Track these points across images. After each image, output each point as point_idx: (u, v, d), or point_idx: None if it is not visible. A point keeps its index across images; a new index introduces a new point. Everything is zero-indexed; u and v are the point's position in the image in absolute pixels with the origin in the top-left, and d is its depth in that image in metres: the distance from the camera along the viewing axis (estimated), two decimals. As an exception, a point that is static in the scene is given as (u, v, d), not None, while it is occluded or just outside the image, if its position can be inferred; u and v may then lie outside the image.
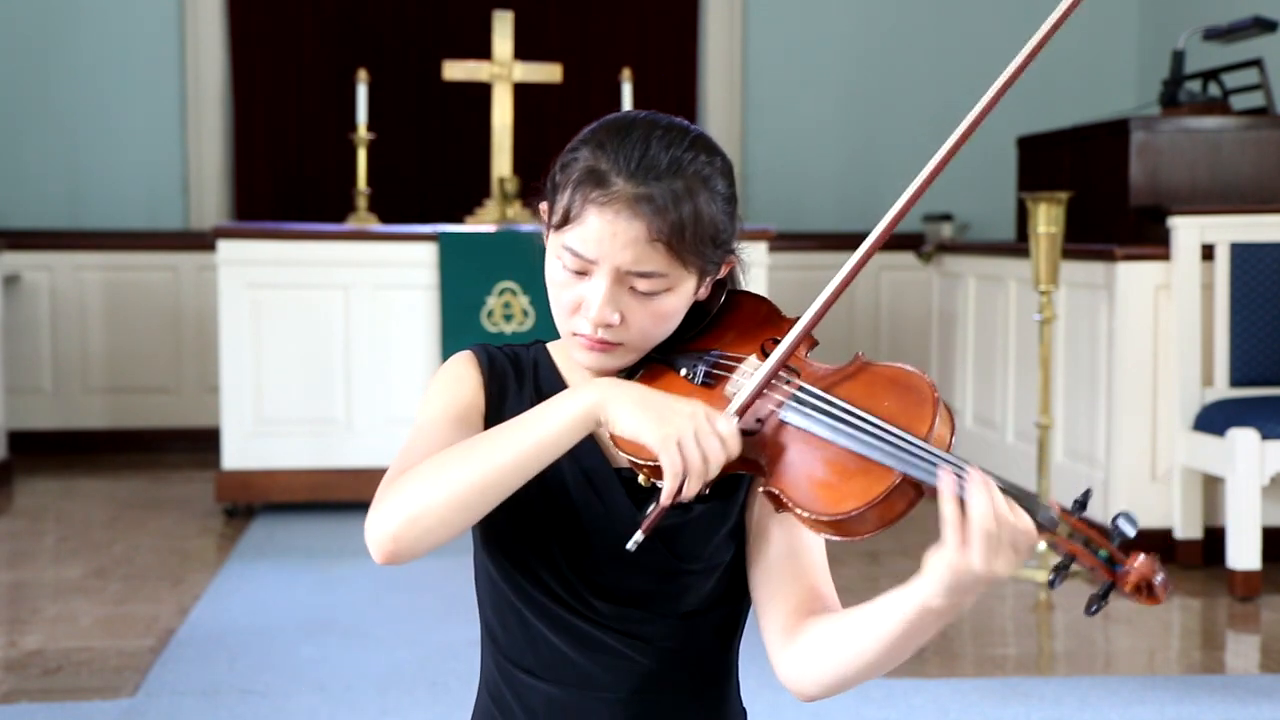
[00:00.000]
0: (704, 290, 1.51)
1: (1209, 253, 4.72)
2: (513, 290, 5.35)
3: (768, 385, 1.42)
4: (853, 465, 1.35)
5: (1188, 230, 4.71)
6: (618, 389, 1.37)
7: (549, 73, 5.99)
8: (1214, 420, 4.52)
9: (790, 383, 1.43)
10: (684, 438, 1.33)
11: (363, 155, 5.82)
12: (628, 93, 5.89)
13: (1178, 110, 5.33)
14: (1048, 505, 1.30)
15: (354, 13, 7.40)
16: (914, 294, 7.22)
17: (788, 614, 1.47)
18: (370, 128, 5.88)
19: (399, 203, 7.00)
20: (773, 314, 1.54)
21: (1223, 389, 4.68)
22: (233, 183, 7.42)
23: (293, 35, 7.37)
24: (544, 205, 1.51)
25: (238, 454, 5.38)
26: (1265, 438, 4.37)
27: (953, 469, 1.30)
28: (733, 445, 1.35)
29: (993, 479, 1.30)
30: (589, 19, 7.52)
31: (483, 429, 1.51)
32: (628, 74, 5.95)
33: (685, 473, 1.33)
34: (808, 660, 1.44)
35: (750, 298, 1.57)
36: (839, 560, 1.52)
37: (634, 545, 1.37)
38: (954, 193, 7.66)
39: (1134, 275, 4.76)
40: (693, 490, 1.34)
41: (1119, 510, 1.29)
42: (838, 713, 3.33)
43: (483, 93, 6.25)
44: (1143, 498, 4.74)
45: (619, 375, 1.52)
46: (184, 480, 6.21)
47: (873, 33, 7.51)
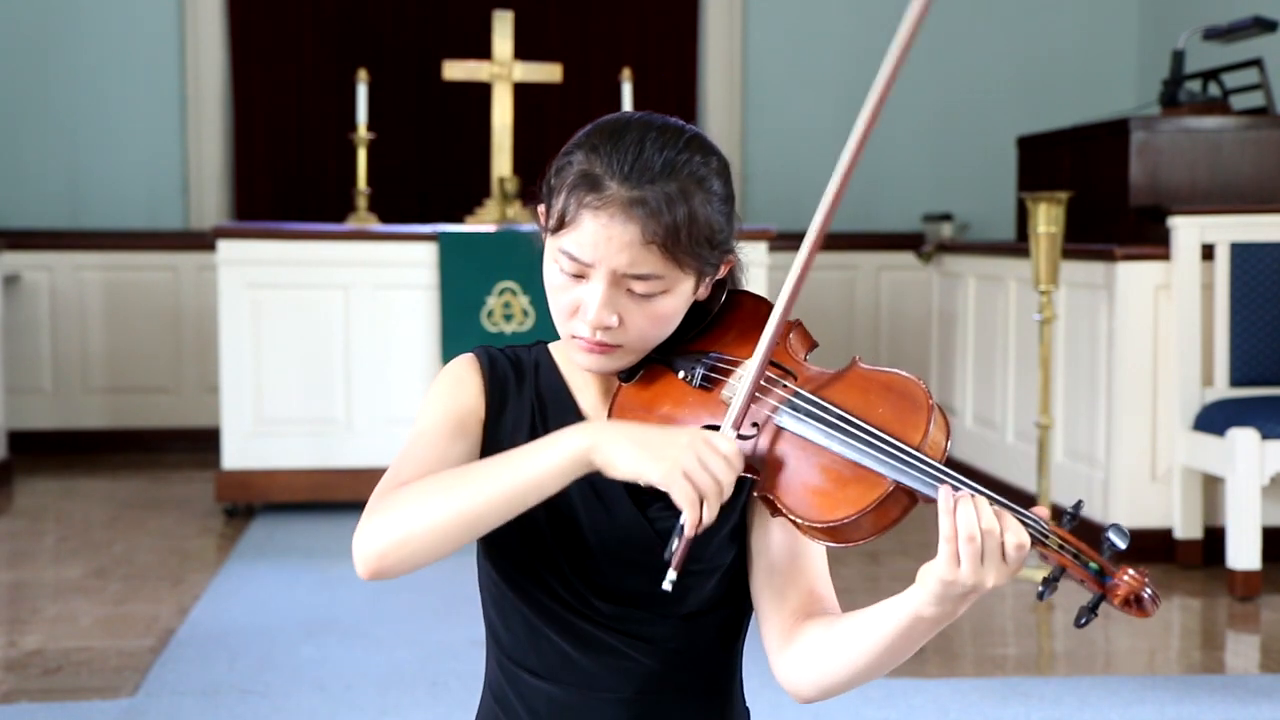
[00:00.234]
0: (703, 291, 1.51)
1: (1209, 253, 4.72)
2: (513, 290, 5.35)
3: (762, 390, 1.43)
4: (847, 472, 1.35)
5: (1188, 230, 4.71)
6: (609, 431, 1.36)
7: (549, 73, 5.99)
8: (1214, 420, 4.52)
9: (786, 387, 1.43)
10: (689, 467, 1.33)
11: (363, 155, 5.83)
12: (628, 93, 5.89)
13: (1178, 110, 5.33)
14: (1038, 517, 1.30)
15: (354, 13, 7.40)
16: (914, 294, 7.22)
17: (786, 616, 1.47)
18: (370, 128, 5.88)
19: (399, 203, 7.00)
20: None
21: (1223, 389, 4.68)
22: (233, 183, 7.42)
23: (293, 35, 7.37)
24: (540, 209, 1.52)
25: (238, 454, 5.38)
26: (1265, 438, 4.37)
27: (946, 481, 1.30)
28: (737, 462, 1.35)
29: (983, 491, 1.31)
30: (589, 19, 7.52)
31: (481, 435, 1.52)
32: (628, 74, 5.95)
33: (700, 500, 1.33)
34: (804, 663, 1.44)
35: (751, 298, 1.57)
36: (839, 561, 1.52)
37: (669, 584, 1.36)
38: (954, 193, 7.66)
39: (1134, 275, 4.76)
40: (713, 514, 1.34)
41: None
42: (838, 713, 3.33)
43: (483, 93, 6.25)
44: (1143, 498, 4.73)
45: (618, 376, 1.52)
46: (184, 480, 6.21)
47: (873, 33, 7.49)
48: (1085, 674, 3.72)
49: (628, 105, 5.83)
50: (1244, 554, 4.39)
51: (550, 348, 1.61)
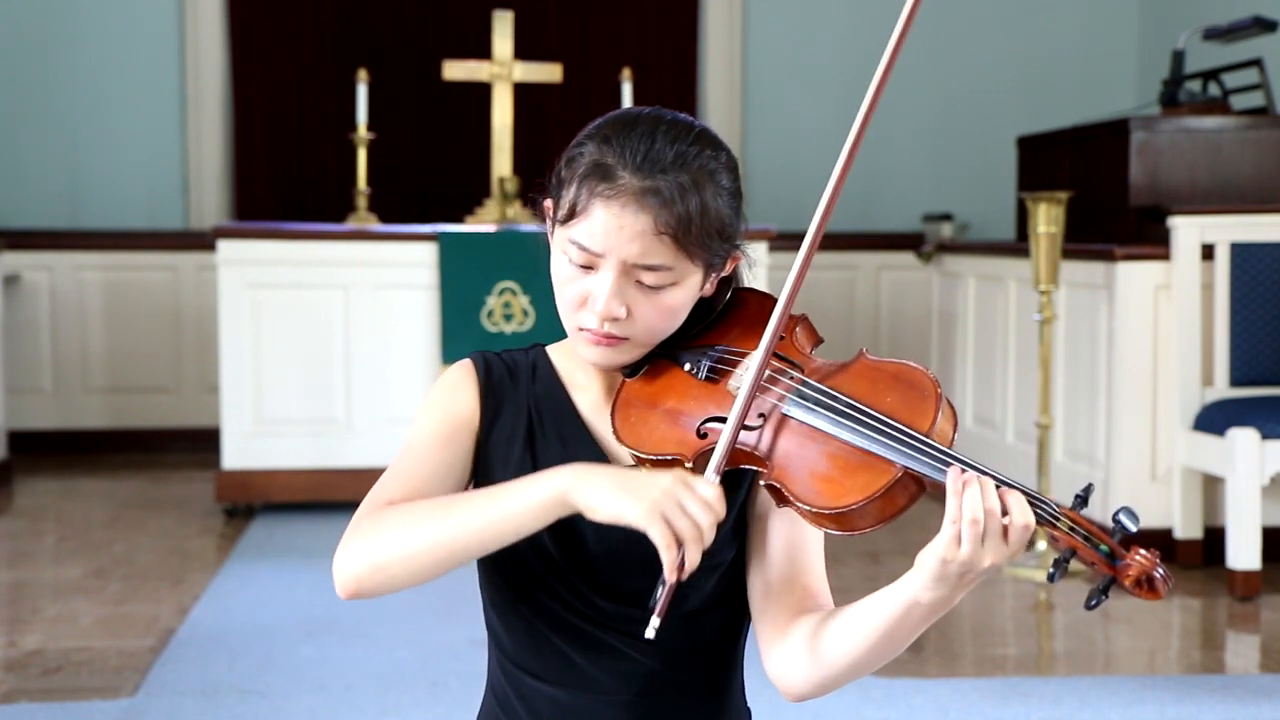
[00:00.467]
0: (709, 286, 1.51)
1: (1209, 253, 4.72)
2: (513, 290, 5.35)
3: (769, 381, 1.43)
4: (855, 459, 1.35)
5: (1188, 230, 4.71)
6: (588, 473, 1.36)
7: (549, 73, 5.99)
8: (1214, 420, 4.52)
9: (793, 377, 1.43)
10: (667, 509, 1.32)
11: (363, 155, 5.83)
12: (628, 93, 5.89)
13: (1178, 110, 5.33)
14: (1048, 500, 1.31)
15: (354, 13, 7.40)
16: (914, 294, 7.22)
17: (781, 612, 1.47)
18: (370, 128, 5.88)
19: (399, 203, 7.00)
20: None
21: (1223, 389, 4.68)
22: (233, 183, 7.42)
23: (293, 35, 7.37)
24: (548, 202, 1.52)
25: (238, 454, 5.38)
26: (1265, 438, 4.37)
27: (954, 464, 1.31)
28: (719, 507, 1.34)
29: (992, 472, 1.31)
30: (589, 19, 7.52)
31: (475, 443, 1.53)
32: (628, 74, 5.95)
33: (680, 543, 1.32)
34: (796, 658, 1.44)
35: (756, 295, 1.58)
36: (838, 560, 1.53)
37: (652, 632, 1.35)
38: (954, 193, 7.66)
39: (1134, 275, 4.76)
40: (695, 558, 1.33)
41: (1114, 512, 1.30)
42: (838, 713, 3.33)
43: (483, 93, 6.25)
44: (1143, 498, 4.74)
45: (624, 370, 1.52)
46: (184, 480, 6.21)
47: (873, 33, 7.50)
48: (1085, 674, 3.72)
49: (628, 105, 5.83)
50: (1244, 554, 4.39)
51: (548, 350, 1.60)
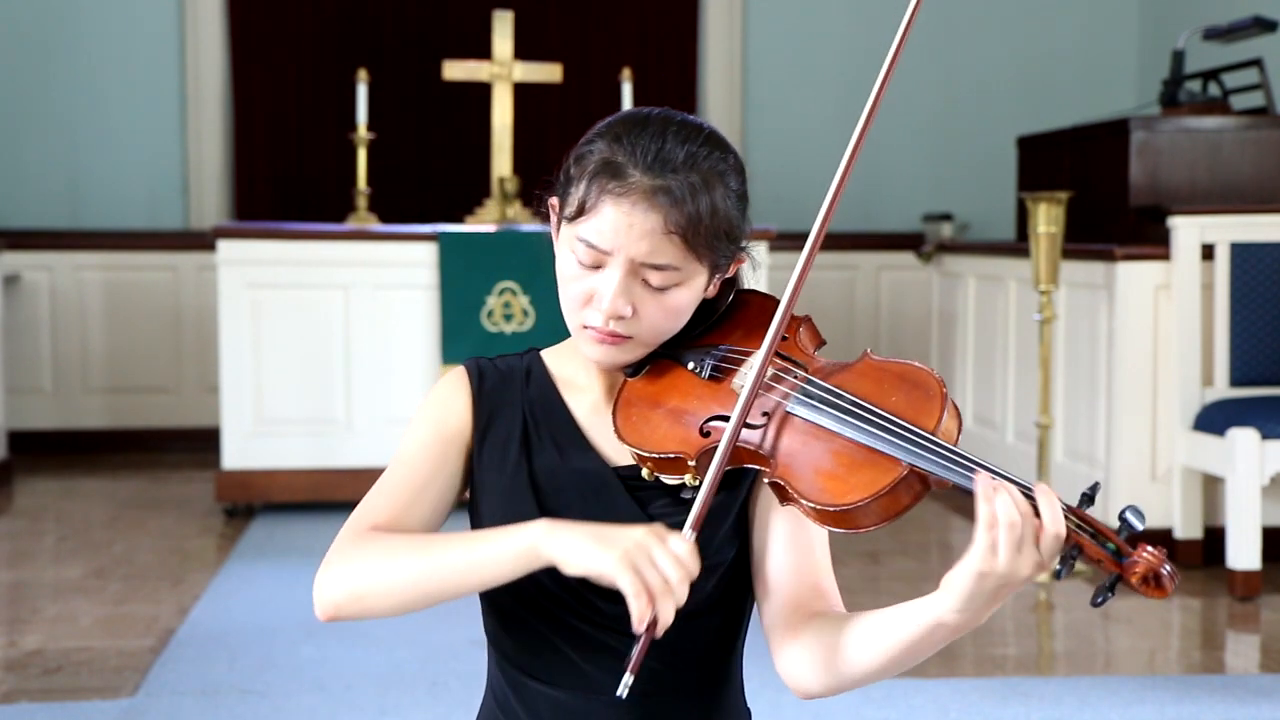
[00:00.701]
0: (713, 287, 1.51)
1: (1209, 253, 4.72)
2: (513, 290, 5.35)
3: (773, 379, 1.42)
4: (860, 457, 1.35)
5: (1188, 230, 4.71)
6: (560, 528, 1.35)
7: (549, 73, 5.98)
8: (1214, 420, 4.52)
9: (798, 375, 1.43)
10: (637, 560, 1.30)
11: (363, 155, 5.83)
12: (628, 93, 5.89)
13: (1178, 110, 5.33)
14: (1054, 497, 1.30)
15: (354, 13, 7.40)
16: (914, 294, 7.22)
17: (791, 611, 1.47)
18: (370, 128, 5.88)
19: (399, 203, 7.00)
20: None
21: (1223, 389, 4.68)
22: (233, 183, 7.42)
23: (293, 35, 7.37)
24: (554, 200, 1.52)
25: (238, 454, 5.38)
26: (1265, 438, 4.37)
27: (965, 464, 1.30)
28: (691, 563, 1.32)
29: (1001, 472, 1.29)
30: (589, 19, 7.52)
31: (466, 455, 1.54)
32: (628, 74, 5.95)
33: (650, 597, 1.29)
34: (811, 660, 1.44)
35: (758, 296, 1.58)
36: (839, 560, 1.52)
37: (624, 690, 1.33)
38: (954, 193, 7.66)
39: (1134, 275, 4.76)
40: (667, 616, 1.30)
41: (1120, 510, 1.29)
42: (838, 713, 3.33)
43: (483, 93, 6.25)
44: (1143, 498, 4.73)
45: (626, 370, 1.52)
46: (184, 480, 6.21)
47: (873, 33, 7.50)
48: (1085, 674, 3.72)
49: (628, 105, 5.83)
50: (1244, 554, 4.39)
51: (543, 354, 1.60)
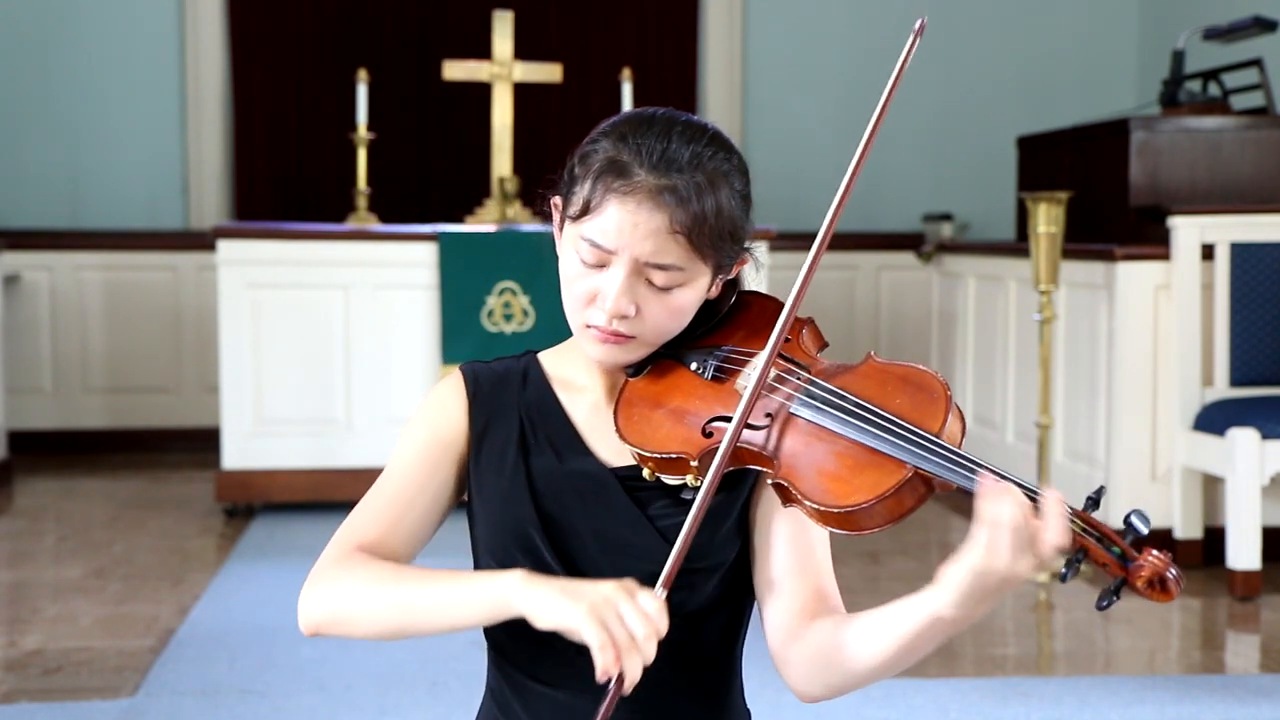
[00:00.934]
0: (716, 288, 1.51)
1: (1209, 253, 4.72)
2: (513, 290, 5.35)
3: (776, 380, 1.42)
4: (864, 458, 1.35)
5: (1188, 230, 4.71)
6: (533, 582, 1.35)
7: (549, 73, 5.98)
8: (1214, 420, 4.52)
9: (801, 377, 1.43)
10: (604, 614, 1.30)
11: (363, 155, 5.83)
12: (628, 93, 5.89)
13: (1178, 110, 5.33)
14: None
15: (354, 13, 7.40)
16: (914, 294, 7.22)
17: (793, 614, 1.46)
18: (370, 128, 5.88)
19: (399, 203, 7.00)
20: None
21: (1223, 389, 4.68)
22: (233, 183, 7.42)
23: (293, 35, 7.37)
24: (556, 199, 1.52)
25: (238, 454, 5.38)
26: (1265, 438, 4.37)
27: (969, 467, 1.29)
28: (659, 621, 1.31)
29: (1008, 475, 1.29)
30: (589, 19, 7.52)
31: (461, 460, 1.54)
32: (628, 74, 5.94)
33: (616, 652, 1.29)
34: (813, 663, 1.43)
35: (760, 297, 1.58)
36: (839, 560, 1.52)
37: None
38: (954, 193, 7.66)
39: (1134, 275, 4.76)
40: (634, 672, 1.29)
41: (1121, 510, 1.29)
42: (838, 713, 3.33)
43: (483, 93, 6.25)
44: (1143, 498, 4.73)
45: (627, 370, 1.52)
46: (184, 480, 6.21)
47: (873, 33, 7.51)
48: (1085, 674, 3.72)
49: (628, 105, 5.83)
50: (1244, 554, 4.39)
51: (540, 356, 1.60)
